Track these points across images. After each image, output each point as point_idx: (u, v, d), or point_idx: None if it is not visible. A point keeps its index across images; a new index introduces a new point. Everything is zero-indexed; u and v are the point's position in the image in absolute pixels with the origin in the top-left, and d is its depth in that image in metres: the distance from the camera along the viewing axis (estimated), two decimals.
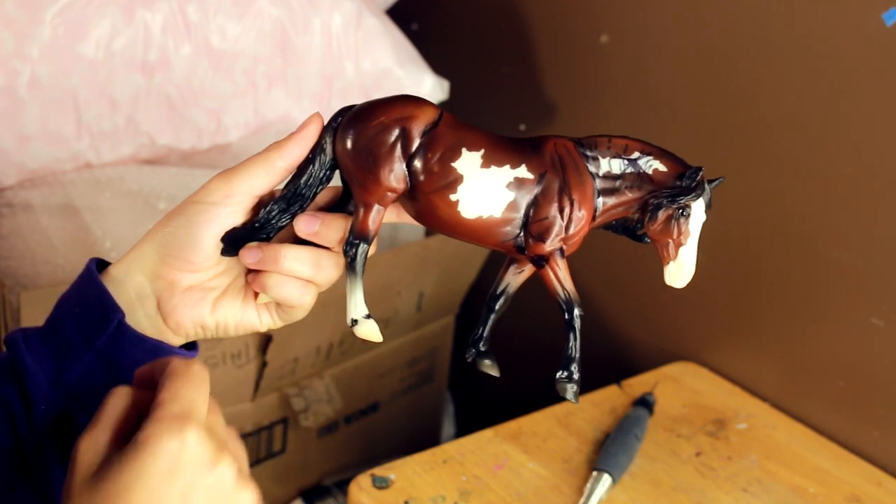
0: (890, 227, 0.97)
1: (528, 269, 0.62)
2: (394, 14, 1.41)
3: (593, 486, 0.92)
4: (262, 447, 1.25)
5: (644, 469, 0.98)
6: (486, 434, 1.00)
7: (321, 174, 0.61)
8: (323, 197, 0.64)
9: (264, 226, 0.61)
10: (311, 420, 1.23)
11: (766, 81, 1.05)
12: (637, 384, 1.11)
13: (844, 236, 1.01)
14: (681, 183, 0.59)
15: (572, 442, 1.01)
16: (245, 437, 1.23)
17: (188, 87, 1.22)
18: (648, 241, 0.61)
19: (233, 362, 1.15)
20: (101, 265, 0.64)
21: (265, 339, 1.16)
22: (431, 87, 1.34)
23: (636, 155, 0.60)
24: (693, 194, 0.58)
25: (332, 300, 0.77)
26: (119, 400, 0.52)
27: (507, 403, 1.25)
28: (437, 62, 1.39)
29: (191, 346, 0.66)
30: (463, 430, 1.52)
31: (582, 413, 1.05)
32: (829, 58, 1.00)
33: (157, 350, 0.63)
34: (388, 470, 0.94)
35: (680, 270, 0.59)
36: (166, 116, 1.23)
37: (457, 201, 0.59)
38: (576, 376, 0.60)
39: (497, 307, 0.62)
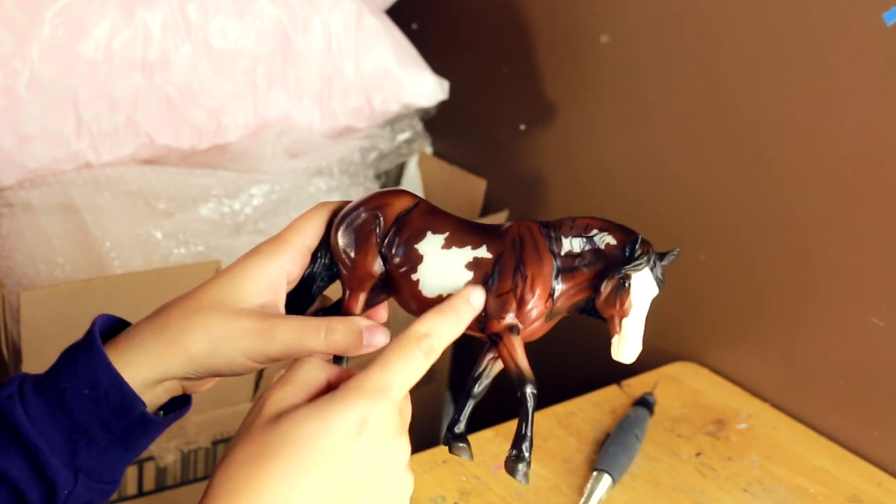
0: (890, 227, 0.97)
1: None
2: (394, 14, 1.41)
3: (593, 486, 0.92)
4: None
5: (644, 469, 0.98)
6: (486, 434, 1.00)
7: (322, 272, 0.63)
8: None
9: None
10: None
11: (765, 81, 1.05)
12: (637, 384, 1.11)
13: (844, 236, 1.01)
14: (624, 254, 0.57)
15: (572, 442, 1.01)
16: None
17: (188, 87, 1.22)
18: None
19: None
20: (106, 324, 0.61)
21: None
22: (431, 86, 1.34)
23: (594, 232, 0.59)
24: (633, 264, 0.56)
25: None
26: (314, 371, 0.53)
27: (507, 403, 1.25)
28: (437, 62, 1.39)
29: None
30: None
31: (582, 413, 1.05)
32: (830, 58, 1.00)
33: (171, 422, 0.62)
34: None
35: (623, 344, 0.59)
36: (166, 116, 1.23)
37: (417, 280, 0.60)
38: (526, 455, 0.59)
39: (475, 392, 0.62)
